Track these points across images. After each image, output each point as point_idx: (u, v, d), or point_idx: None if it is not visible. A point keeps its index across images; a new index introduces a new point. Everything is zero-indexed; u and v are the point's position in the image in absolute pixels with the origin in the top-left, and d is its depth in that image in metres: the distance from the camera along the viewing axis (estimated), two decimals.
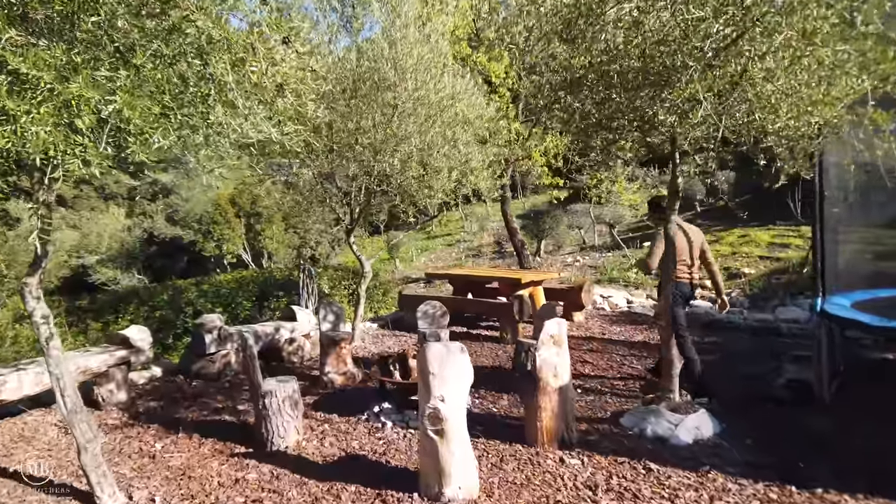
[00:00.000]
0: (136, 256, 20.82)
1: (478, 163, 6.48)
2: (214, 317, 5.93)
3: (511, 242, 11.78)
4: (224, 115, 2.57)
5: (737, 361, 6.51)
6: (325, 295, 9.50)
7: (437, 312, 6.13)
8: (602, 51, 3.35)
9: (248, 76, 2.64)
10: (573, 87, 3.80)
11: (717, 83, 3.07)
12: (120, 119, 2.35)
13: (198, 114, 2.52)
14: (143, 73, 2.46)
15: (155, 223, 20.80)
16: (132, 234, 21.08)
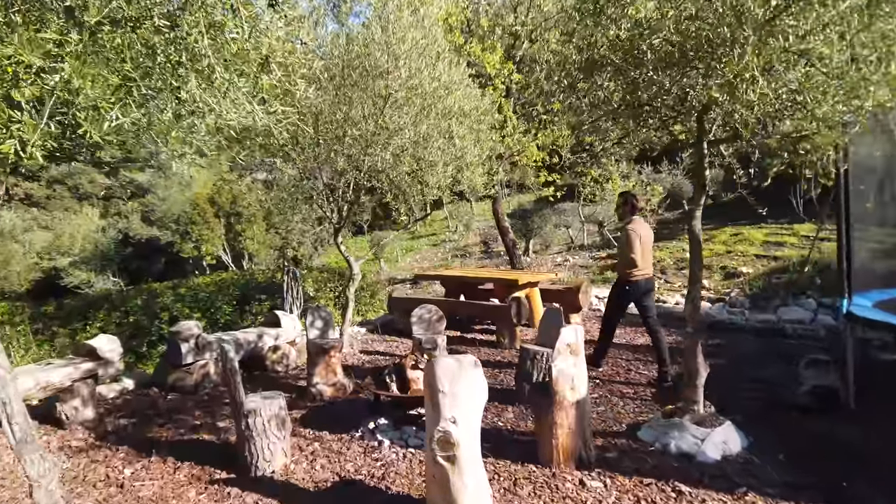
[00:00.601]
0: (112, 258, 20.06)
1: (474, 157, 6.07)
2: (191, 324, 5.45)
3: (503, 242, 11.41)
4: (199, 90, 2.14)
5: (745, 365, 6.21)
6: (311, 298, 9.03)
7: (433, 317, 5.72)
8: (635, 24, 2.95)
9: (228, 44, 2.21)
10: (594, 68, 3.40)
11: (776, 56, 2.67)
12: (68, 90, 1.91)
13: (166, 87, 2.08)
14: (100, 36, 2.02)
15: (130, 223, 20.05)
16: (107, 234, 20.30)
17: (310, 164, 5.46)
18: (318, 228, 25.65)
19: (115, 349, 4.92)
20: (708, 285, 10.15)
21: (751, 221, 14.84)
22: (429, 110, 5.42)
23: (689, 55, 2.89)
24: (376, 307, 10.31)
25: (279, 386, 5.75)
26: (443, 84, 5.46)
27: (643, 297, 5.64)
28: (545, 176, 8.35)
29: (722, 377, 5.52)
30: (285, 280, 7.19)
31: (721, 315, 8.57)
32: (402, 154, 5.46)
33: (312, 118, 5.09)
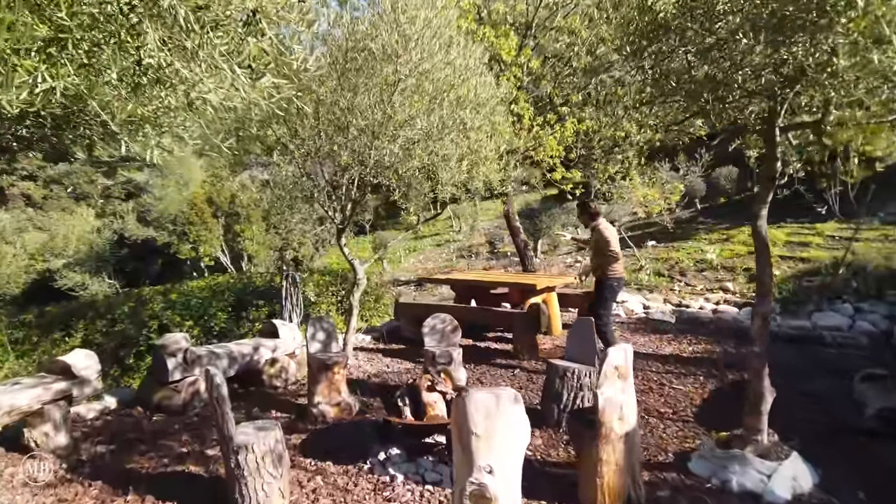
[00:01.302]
0: (107, 259, 19.53)
1: (490, 151, 5.52)
2: (179, 336, 4.90)
3: (514, 242, 10.85)
4: (159, 47, 1.59)
5: (788, 378, 5.64)
6: (311, 304, 8.48)
7: (447, 327, 5.17)
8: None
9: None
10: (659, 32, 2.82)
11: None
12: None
13: (110, 44, 1.53)
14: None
15: (125, 224, 19.52)
16: (102, 235, 19.77)
17: (311, 157, 4.91)
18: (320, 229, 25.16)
19: (91, 366, 4.37)
20: (732, 288, 9.60)
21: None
22: (442, 99, 4.86)
23: (788, 12, 2.31)
24: (381, 312, 9.77)
25: (277, 403, 5.20)
26: (457, 69, 4.90)
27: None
28: (562, 172, 7.78)
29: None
30: (284, 285, 6.64)
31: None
32: (412, 147, 4.91)
33: (313, 105, 4.53)
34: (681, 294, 9.70)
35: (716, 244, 12.41)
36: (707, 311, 8.64)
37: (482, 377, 5.83)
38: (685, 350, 6.84)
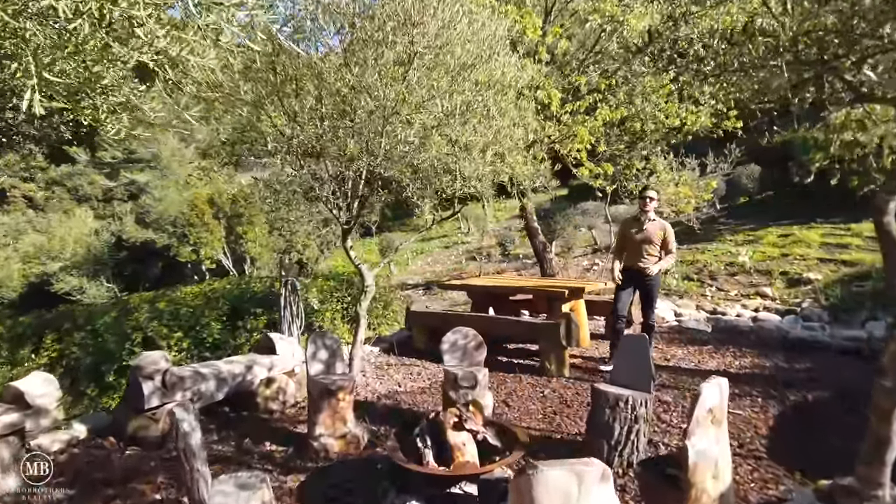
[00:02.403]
0: (105, 263, 18.90)
1: (518, 139, 4.80)
2: (157, 355, 4.19)
3: (531, 245, 10.12)
4: None
5: (862, 401, 4.89)
6: (314, 312, 7.77)
7: (470, 344, 4.44)
8: None
9: None
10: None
11: None
12: None
13: None
14: None
15: (124, 226, 18.88)
16: (100, 237, 19.14)
17: (311, 146, 4.18)
18: (325, 230, 24.47)
19: (49, 393, 3.68)
20: (770, 293, 8.84)
21: (795, 220, 13.51)
22: (465, 77, 4.14)
23: None
24: (390, 319, 9.05)
25: (272, 432, 4.48)
26: (482, 41, 4.18)
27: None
28: (590, 167, 7.05)
29: (842, 425, 4.25)
30: (283, 293, 5.94)
31: (797, 330, 7.24)
32: (429, 133, 4.19)
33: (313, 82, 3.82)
34: (714, 300, 8.95)
35: (743, 245, 11.66)
36: (745, 320, 7.88)
37: (508, 399, 5.10)
38: (731, 365, 6.10)
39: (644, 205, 5.71)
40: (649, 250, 5.66)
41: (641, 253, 5.66)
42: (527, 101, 5.10)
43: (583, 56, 7.67)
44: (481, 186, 4.78)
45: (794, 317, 7.69)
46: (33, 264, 19.17)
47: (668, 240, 5.65)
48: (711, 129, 8.02)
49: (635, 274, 5.71)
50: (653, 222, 5.70)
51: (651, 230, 5.67)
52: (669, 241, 5.66)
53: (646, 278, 5.65)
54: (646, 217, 5.71)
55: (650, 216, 5.70)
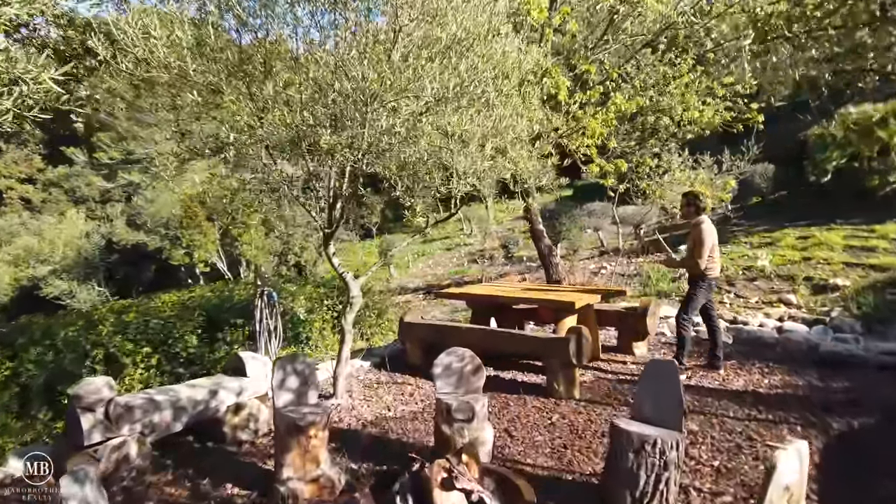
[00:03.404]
0: (97, 266, 18.34)
1: (522, 131, 4.18)
2: (99, 383, 3.58)
3: (536, 248, 9.49)
4: None
5: None
6: (301, 322, 7.15)
7: (467, 367, 3.82)
8: None
9: None
10: None
11: None
12: None
13: None
14: None
15: (114, 228, 18.32)
16: (91, 240, 18.58)
17: (280, 137, 3.56)
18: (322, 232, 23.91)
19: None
20: (794, 301, 8.19)
21: (812, 221, 12.85)
22: (460, 54, 3.52)
23: None
24: (384, 329, 8.43)
25: (238, 469, 3.87)
26: (479, 12, 3.56)
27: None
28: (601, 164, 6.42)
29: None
30: (258, 305, 5.32)
31: (828, 342, 6.58)
32: (419, 122, 3.57)
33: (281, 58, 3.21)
34: (733, 308, 8.31)
35: (760, 248, 11.00)
36: (769, 330, 7.21)
37: (511, 427, 4.47)
38: (760, 384, 5.45)
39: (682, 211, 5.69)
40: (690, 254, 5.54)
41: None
42: (532, 87, 4.48)
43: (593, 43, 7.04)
44: (481, 184, 4.16)
45: (823, 327, 7.03)
46: (23, 268, 18.62)
47: (691, 242, 5.48)
48: (730, 122, 7.39)
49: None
50: (694, 227, 5.47)
51: (690, 235, 5.53)
52: (693, 242, 5.44)
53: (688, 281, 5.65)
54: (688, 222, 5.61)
55: (691, 220, 5.54)
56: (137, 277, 19.41)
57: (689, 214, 5.59)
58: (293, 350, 7.29)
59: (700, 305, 5.60)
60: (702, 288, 5.47)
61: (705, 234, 5.32)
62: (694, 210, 5.53)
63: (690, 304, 5.54)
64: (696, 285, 5.49)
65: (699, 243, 5.33)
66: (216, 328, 6.72)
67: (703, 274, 5.43)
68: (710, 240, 5.37)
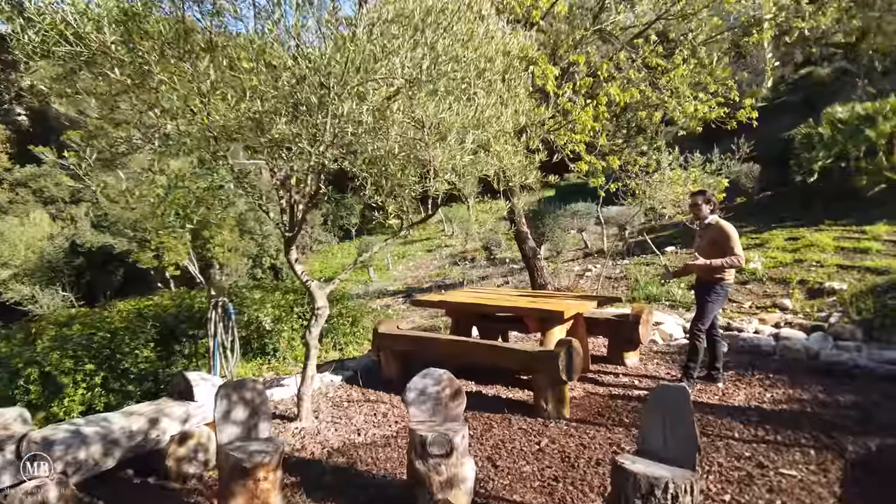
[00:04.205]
0: (61, 269, 17.52)
1: (507, 122, 3.70)
2: (10, 415, 3.01)
3: (520, 250, 9.04)
4: None
5: None
6: (267, 333, 6.60)
7: (445, 392, 3.33)
8: None
9: None
10: None
11: None
12: None
13: None
14: None
15: (78, 229, 17.50)
16: (54, 242, 17.73)
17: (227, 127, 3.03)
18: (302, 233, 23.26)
19: None
20: (790, 305, 7.83)
21: (800, 222, 12.59)
22: (435, 28, 3.02)
23: None
24: (360, 337, 7.90)
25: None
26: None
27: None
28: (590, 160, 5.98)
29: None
30: (211, 318, 4.76)
31: (829, 350, 6.21)
32: (387, 109, 3.07)
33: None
34: (726, 313, 7.92)
35: (749, 250, 10.66)
36: (766, 337, 6.82)
37: (495, 455, 3.98)
38: (763, 398, 5.04)
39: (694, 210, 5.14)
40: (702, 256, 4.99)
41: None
42: (517, 74, 4.00)
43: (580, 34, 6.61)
44: (461, 182, 3.67)
45: (822, 334, 6.65)
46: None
47: (722, 242, 4.87)
48: (724, 118, 7.01)
49: (696, 285, 5.24)
50: (708, 227, 5.01)
51: (705, 235, 5.03)
52: (724, 244, 4.85)
53: (701, 288, 5.09)
54: (700, 223, 5.10)
55: (704, 220, 5.07)
56: (105, 281, 18.61)
57: (701, 213, 5.09)
58: (260, 362, 6.74)
59: (715, 314, 5.15)
60: (719, 295, 5.00)
61: (732, 230, 4.86)
62: (710, 208, 5.07)
63: (706, 313, 5.04)
64: (712, 291, 4.99)
65: (727, 239, 4.82)
66: (174, 339, 6.16)
67: (722, 278, 4.96)
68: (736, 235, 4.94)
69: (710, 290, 4.97)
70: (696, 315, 5.11)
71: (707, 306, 5.00)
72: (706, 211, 5.06)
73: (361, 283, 18.33)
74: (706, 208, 5.06)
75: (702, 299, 5.03)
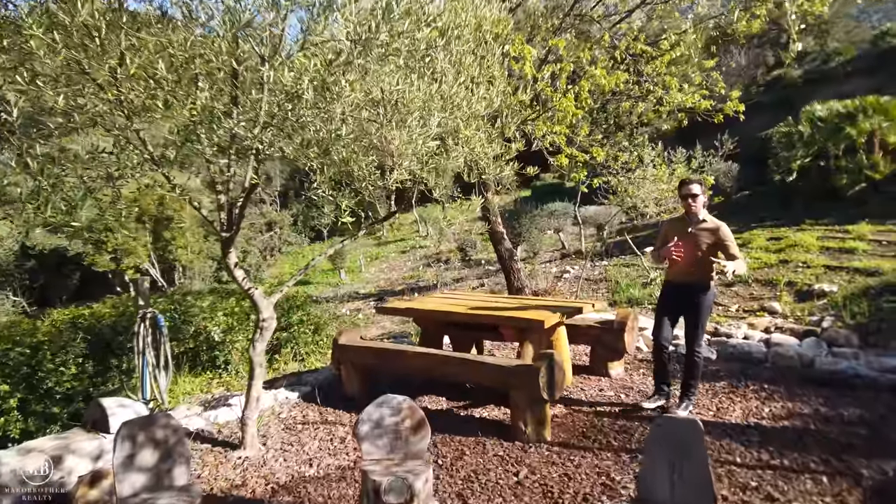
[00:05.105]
0: (11, 273, 16.52)
1: (480, 103, 3.16)
2: None
3: (496, 251, 8.53)
4: None
5: None
6: (217, 345, 5.96)
7: (406, 424, 2.77)
8: None
9: None
10: None
11: None
12: None
13: None
14: None
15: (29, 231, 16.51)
16: (3, 244, 16.71)
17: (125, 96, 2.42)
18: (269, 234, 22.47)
19: None
20: (779, 309, 7.44)
21: (780, 222, 12.31)
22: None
23: None
24: (323, 347, 7.29)
25: None
26: None
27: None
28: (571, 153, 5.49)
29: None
30: (138, 332, 4.11)
31: (823, 358, 5.80)
32: (332, 77, 2.50)
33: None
34: (712, 318, 7.50)
35: None
36: (756, 343, 6.40)
37: (466, 490, 3.43)
38: (762, 413, 4.58)
39: (690, 201, 4.36)
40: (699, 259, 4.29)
41: (689, 263, 4.29)
42: (490, 50, 3.47)
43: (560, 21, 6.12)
44: (425, 172, 3.12)
45: (816, 339, 6.25)
46: None
47: (728, 244, 4.24)
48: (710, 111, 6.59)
49: (680, 289, 4.48)
50: (703, 223, 4.33)
51: (700, 233, 4.31)
52: (730, 246, 4.23)
53: (693, 295, 4.38)
54: (694, 217, 4.37)
55: (700, 215, 4.36)
56: (60, 285, 17.64)
57: (696, 206, 4.36)
58: (210, 376, 6.10)
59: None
60: (712, 301, 4.50)
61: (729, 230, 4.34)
62: (704, 200, 4.44)
63: (705, 324, 4.56)
64: (710, 296, 4.44)
65: (729, 239, 4.25)
66: (110, 353, 5.50)
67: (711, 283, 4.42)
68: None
69: (708, 295, 4.40)
70: (696, 327, 4.45)
71: (706, 315, 4.45)
72: (701, 203, 4.39)
73: (332, 285, 17.67)
74: (702, 199, 4.40)
75: (700, 307, 4.39)
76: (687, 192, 4.36)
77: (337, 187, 3.38)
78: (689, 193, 4.35)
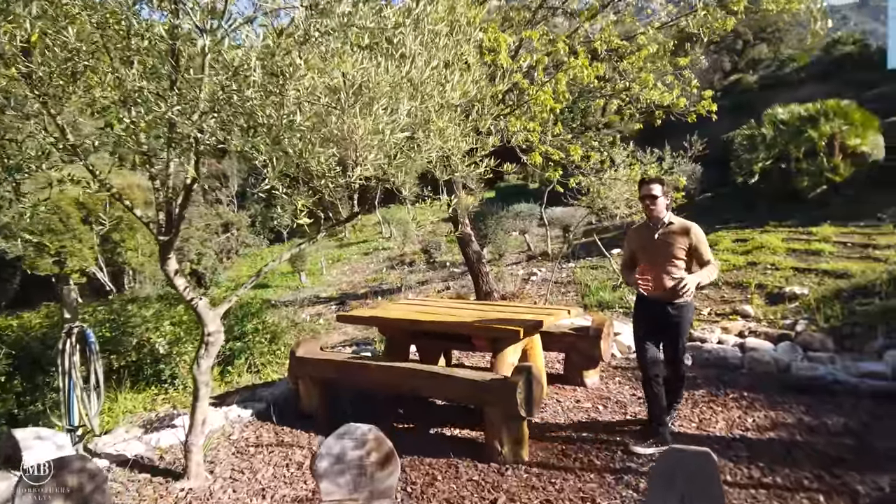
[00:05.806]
0: None
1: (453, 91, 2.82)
2: None
3: (463, 254, 8.20)
4: None
5: None
6: (163, 357, 5.45)
7: (371, 457, 2.39)
8: None
9: None
10: None
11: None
12: None
13: None
14: None
15: None
16: None
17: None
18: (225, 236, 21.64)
19: None
20: (752, 312, 7.32)
21: (744, 224, 12.35)
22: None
23: None
24: (280, 357, 6.83)
25: None
26: None
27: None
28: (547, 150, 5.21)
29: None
30: (64, 349, 3.62)
31: (799, 363, 5.66)
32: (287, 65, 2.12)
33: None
34: None
35: None
36: (731, 348, 6.23)
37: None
38: (745, 425, 4.37)
39: (649, 203, 3.83)
40: (669, 268, 3.78)
41: (660, 273, 3.78)
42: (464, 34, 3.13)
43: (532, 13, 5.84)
44: (391, 167, 2.75)
45: (790, 343, 6.13)
46: None
47: (700, 247, 3.77)
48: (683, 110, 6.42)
49: (656, 307, 3.88)
50: (669, 226, 3.83)
51: (668, 237, 3.81)
52: (703, 249, 3.77)
53: (670, 308, 3.80)
54: (658, 221, 3.86)
55: (664, 218, 3.85)
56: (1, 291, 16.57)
57: (657, 208, 3.84)
58: (154, 392, 5.58)
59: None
60: (692, 315, 4.03)
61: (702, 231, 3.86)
62: (667, 202, 3.89)
63: (685, 344, 4.11)
64: (688, 313, 3.90)
65: (702, 243, 3.78)
66: (39, 371, 4.95)
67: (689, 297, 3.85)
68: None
69: (688, 309, 3.88)
70: (677, 347, 3.96)
71: (686, 332, 3.97)
72: (663, 205, 3.86)
73: (292, 289, 17.08)
74: (664, 202, 3.86)
75: (680, 326, 3.87)
76: (646, 193, 3.84)
77: (292, 184, 2.99)
78: (647, 194, 3.83)
